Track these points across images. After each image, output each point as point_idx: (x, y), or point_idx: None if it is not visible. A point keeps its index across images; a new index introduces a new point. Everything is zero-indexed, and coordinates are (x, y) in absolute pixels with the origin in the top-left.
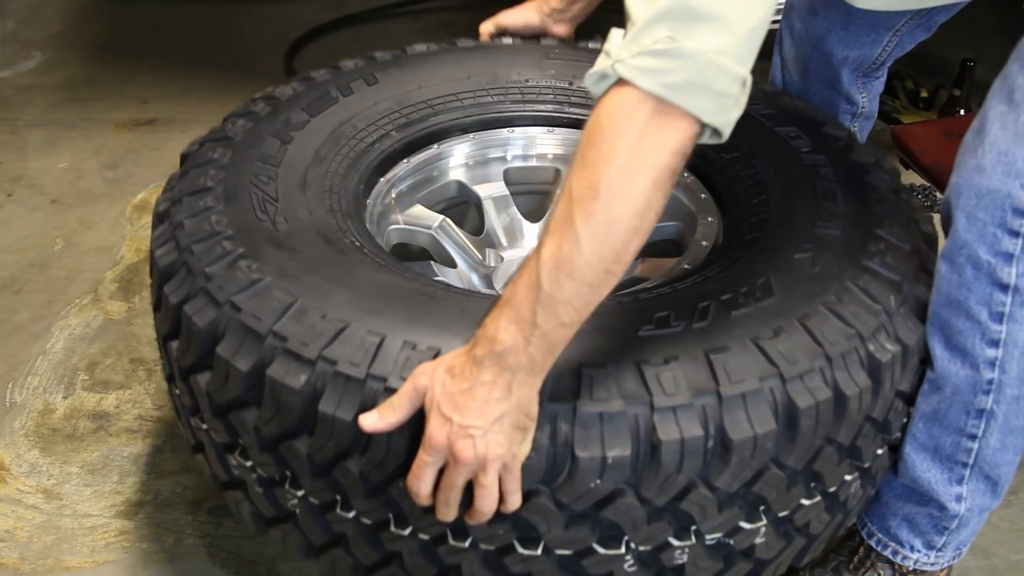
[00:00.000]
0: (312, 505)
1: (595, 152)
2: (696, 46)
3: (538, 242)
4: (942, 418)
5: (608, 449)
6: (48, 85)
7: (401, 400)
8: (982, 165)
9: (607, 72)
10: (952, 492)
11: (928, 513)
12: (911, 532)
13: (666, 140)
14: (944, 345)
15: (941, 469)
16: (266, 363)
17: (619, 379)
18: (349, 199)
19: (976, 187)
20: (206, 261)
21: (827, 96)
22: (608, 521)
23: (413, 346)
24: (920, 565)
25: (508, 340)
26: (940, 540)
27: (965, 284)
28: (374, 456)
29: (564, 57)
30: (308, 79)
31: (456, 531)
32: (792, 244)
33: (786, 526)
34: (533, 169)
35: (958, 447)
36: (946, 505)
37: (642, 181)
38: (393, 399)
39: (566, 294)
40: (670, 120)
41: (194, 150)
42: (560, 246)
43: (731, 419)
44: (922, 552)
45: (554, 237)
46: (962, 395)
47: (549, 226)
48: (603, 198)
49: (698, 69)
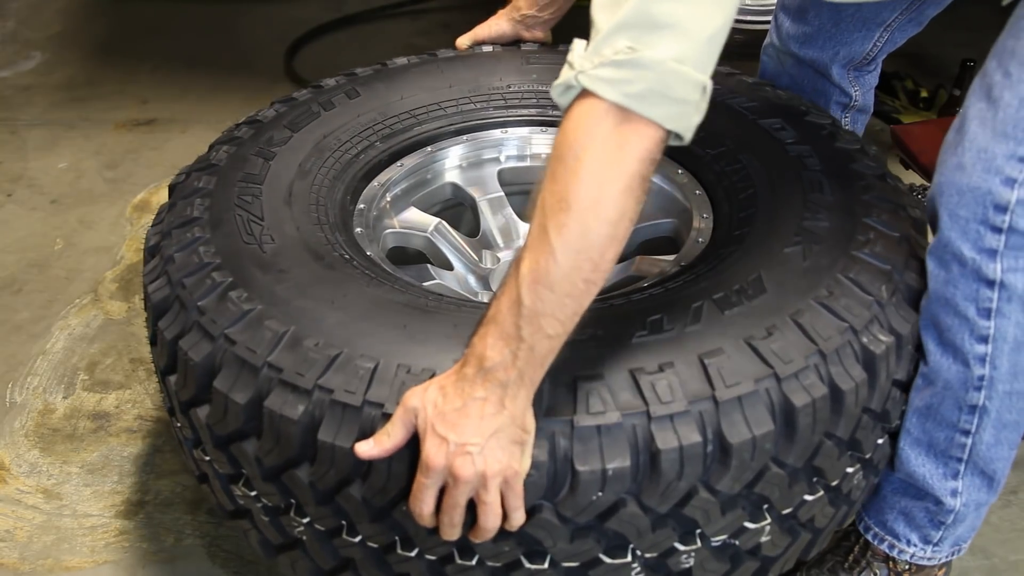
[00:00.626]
0: (318, 531)
1: (563, 165)
2: (656, 55)
3: (515, 257)
4: (935, 413)
5: (608, 461)
6: (48, 85)
7: (395, 425)
8: (962, 163)
9: (571, 83)
10: (948, 487)
11: (924, 507)
12: (908, 526)
13: (632, 147)
14: (936, 341)
15: (936, 464)
16: (263, 395)
17: (614, 390)
18: (336, 210)
19: (957, 185)
20: (198, 295)
21: (819, 87)
22: (612, 531)
23: (408, 369)
24: (916, 559)
25: (496, 356)
26: (936, 535)
27: (952, 281)
28: (376, 482)
29: (543, 61)
30: (290, 100)
31: (462, 550)
32: (782, 238)
33: (791, 522)
34: (527, 169)
35: (952, 442)
36: (942, 499)
37: (612, 189)
38: (387, 425)
39: (548, 307)
40: (635, 127)
41: (181, 180)
42: (537, 261)
43: (728, 423)
44: (918, 547)
45: (531, 252)
46: (953, 391)
47: (527, 241)
48: (574, 210)
49: (658, 78)
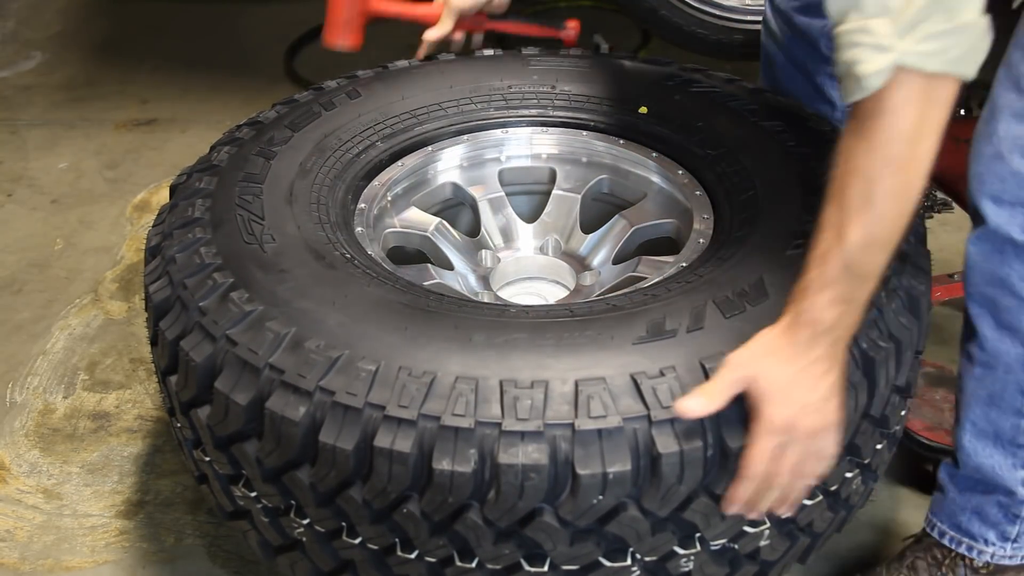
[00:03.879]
0: (318, 533)
1: (884, 134)
2: (970, 18)
3: (825, 227)
4: (998, 400)
5: (608, 465)
6: (48, 85)
7: (720, 389)
8: (999, 152)
9: (887, 66)
10: (1018, 476)
11: (996, 501)
12: (983, 524)
13: (942, 104)
14: (993, 325)
15: (1004, 454)
16: (265, 396)
17: (615, 394)
18: (337, 209)
19: (998, 173)
20: (199, 295)
21: (809, 65)
22: (612, 535)
23: (409, 371)
24: (998, 559)
25: (830, 318)
26: (1014, 530)
27: (1007, 263)
28: (376, 484)
29: (545, 64)
30: (291, 101)
31: (463, 553)
32: (784, 240)
33: (789, 527)
34: (527, 170)
35: (1018, 430)
36: (1014, 490)
37: (928, 146)
38: (709, 387)
39: (876, 266)
40: (944, 84)
41: (182, 181)
42: (866, 226)
43: (729, 427)
44: (997, 545)
45: (859, 216)
46: (1015, 374)
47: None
48: (900, 171)
49: (973, 39)
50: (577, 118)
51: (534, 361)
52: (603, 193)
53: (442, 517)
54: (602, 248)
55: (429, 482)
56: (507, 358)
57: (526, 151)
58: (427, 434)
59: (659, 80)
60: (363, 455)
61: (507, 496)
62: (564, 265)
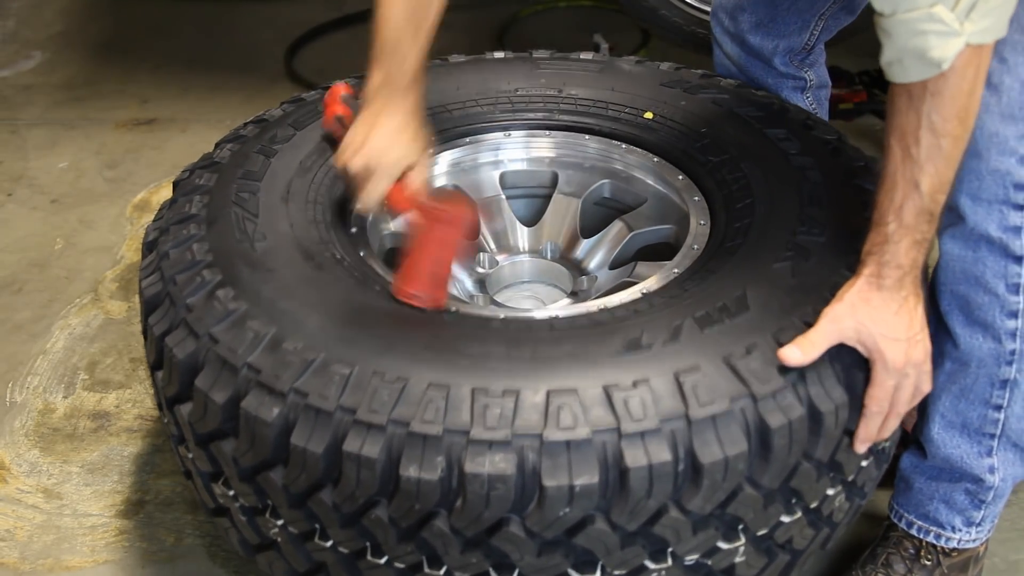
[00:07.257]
0: (292, 534)
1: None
2: None
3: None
4: (968, 393)
5: (575, 477)
6: (48, 85)
7: (819, 340)
8: (977, 149)
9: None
10: (984, 464)
11: (964, 488)
12: (950, 511)
13: (989, 59)
14: (965, 322)
15: (970, 443)
16: (241, 395)
17: (586, 405)
18: (333, 209)
19: (976, 170)
20: (187, 292)
21: (769, 80)
22: (581, 547)
23: (382, 376)
24: (963, 544)
25: (909, 260)
26: (979, 515)
27: (980, 260)
28: (345, 488)
29: (553, 67)
30: (298, 100)
31: (432, 560)
32: (772, 252)
33: (767, 543)
34: (530, 173)
35: (985, 419)
36: (981, 477)
37: (979, 94)
38: (812, 336)
39: (941, 205)
40: (988, 49)
41: (184, 177)
42: (937, 172)
43: (701, 442)
44: (963, 530)
45: (930, 166)
46: (987, 368)
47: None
48: (965, 120)
49: (1010, 6)
50: (581, 122)
51: (508, 371)
52: (604, 197)
53: (410, 524)
54: (599, 252)
55: (396, 488)
56: (481, 367)
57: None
58: (396, 440)
59: (666, 85)
60: (333, 459)
61: (473, 505)
62: (562, 269)
